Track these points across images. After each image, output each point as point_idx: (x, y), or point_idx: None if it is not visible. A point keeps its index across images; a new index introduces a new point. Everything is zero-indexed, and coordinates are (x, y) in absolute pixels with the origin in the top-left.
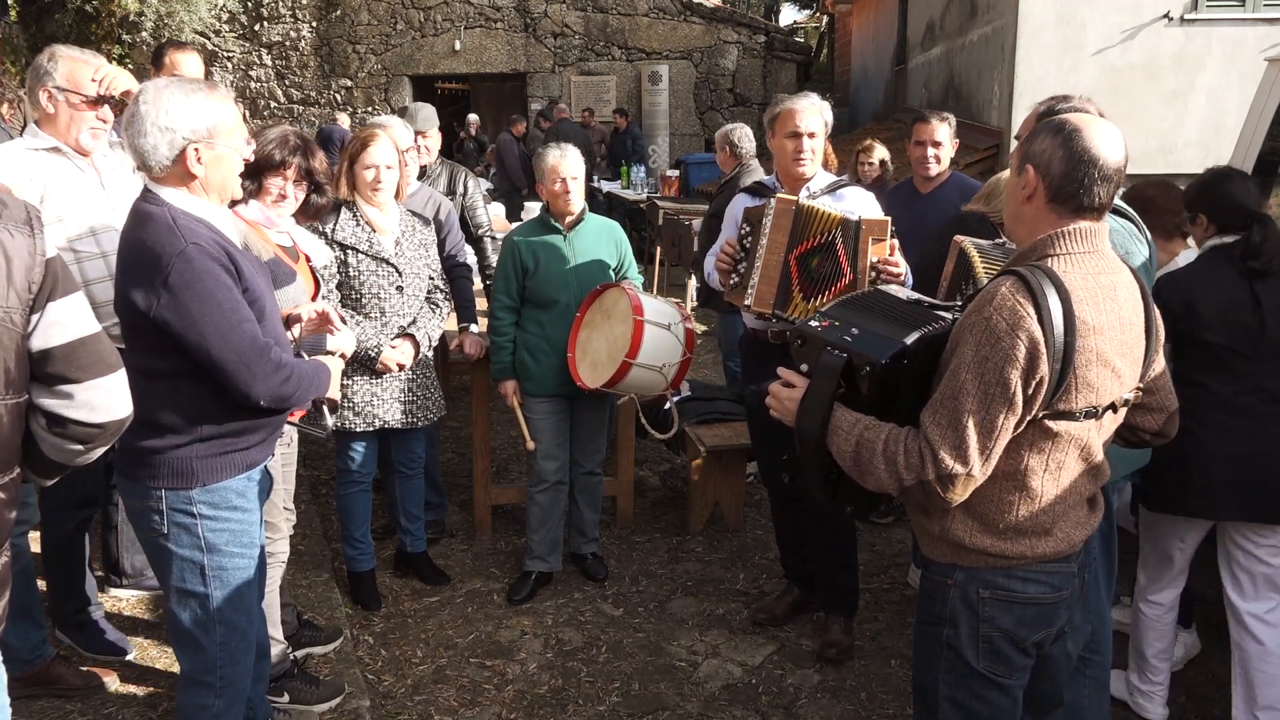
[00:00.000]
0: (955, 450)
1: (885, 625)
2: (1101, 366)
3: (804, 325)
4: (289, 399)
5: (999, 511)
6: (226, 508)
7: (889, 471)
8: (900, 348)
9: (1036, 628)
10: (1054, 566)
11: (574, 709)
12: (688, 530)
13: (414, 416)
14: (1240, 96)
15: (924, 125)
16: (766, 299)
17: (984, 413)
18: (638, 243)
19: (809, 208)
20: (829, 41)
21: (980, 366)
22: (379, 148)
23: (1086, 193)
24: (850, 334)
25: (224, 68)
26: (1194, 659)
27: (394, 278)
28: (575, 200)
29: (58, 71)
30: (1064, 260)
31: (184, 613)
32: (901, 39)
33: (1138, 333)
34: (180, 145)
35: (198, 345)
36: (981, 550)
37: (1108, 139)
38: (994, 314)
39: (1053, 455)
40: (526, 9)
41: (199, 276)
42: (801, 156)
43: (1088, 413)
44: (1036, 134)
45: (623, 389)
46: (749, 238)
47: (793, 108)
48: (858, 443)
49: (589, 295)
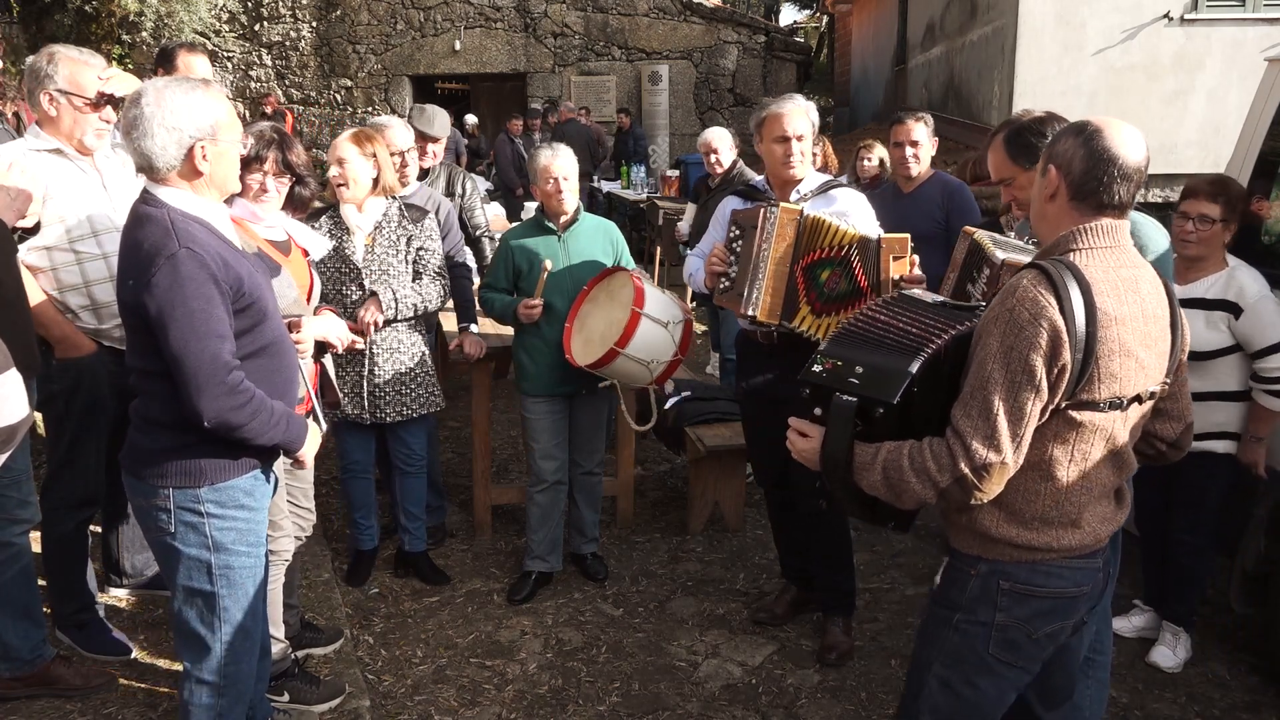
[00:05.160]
0: (987, 439)
1: (885, 625)
2: (1124, 357)
3: (808, 372)
4: (238, 428)
5: (1025, 501)
6: (234, 506)
7: (922, 481)
8: (909, 380)
9: (1051, 620)
10: (1079, 562)
11: (574, 709)
12: (688, 530)
13: (407, 407)
14: (1240, 96)
15: (900, 126)
16: (773, 310)
17: (1013, 400)
18: (637, 243)
19: (815, 219)
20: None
21: (1006, 356)
22: (334, 145)
23: (1106, 190)
24: (855, 374)
25: (224, 68)
26: (1194, 659)
27: (354, 275)
28: (568, 200)
29: (58, 74)
30: (1085, 254)
31: (190, 611)
32: (901, 39)
33: (1162, 326)
34: (188, 144)
35: (162, 346)
36: (1008, 540)
37: (1128, 140)
38: (1016, 305)
39: (1078, 446)
40: (526, 9)
41: (181, 282)
42: (791, 160)
43: (1112, 403)
44: (1060, 136)
45: (607, 374)
46: (738, 242)
47: (779, 112)
48: (884, 470)
49: (599, 273)
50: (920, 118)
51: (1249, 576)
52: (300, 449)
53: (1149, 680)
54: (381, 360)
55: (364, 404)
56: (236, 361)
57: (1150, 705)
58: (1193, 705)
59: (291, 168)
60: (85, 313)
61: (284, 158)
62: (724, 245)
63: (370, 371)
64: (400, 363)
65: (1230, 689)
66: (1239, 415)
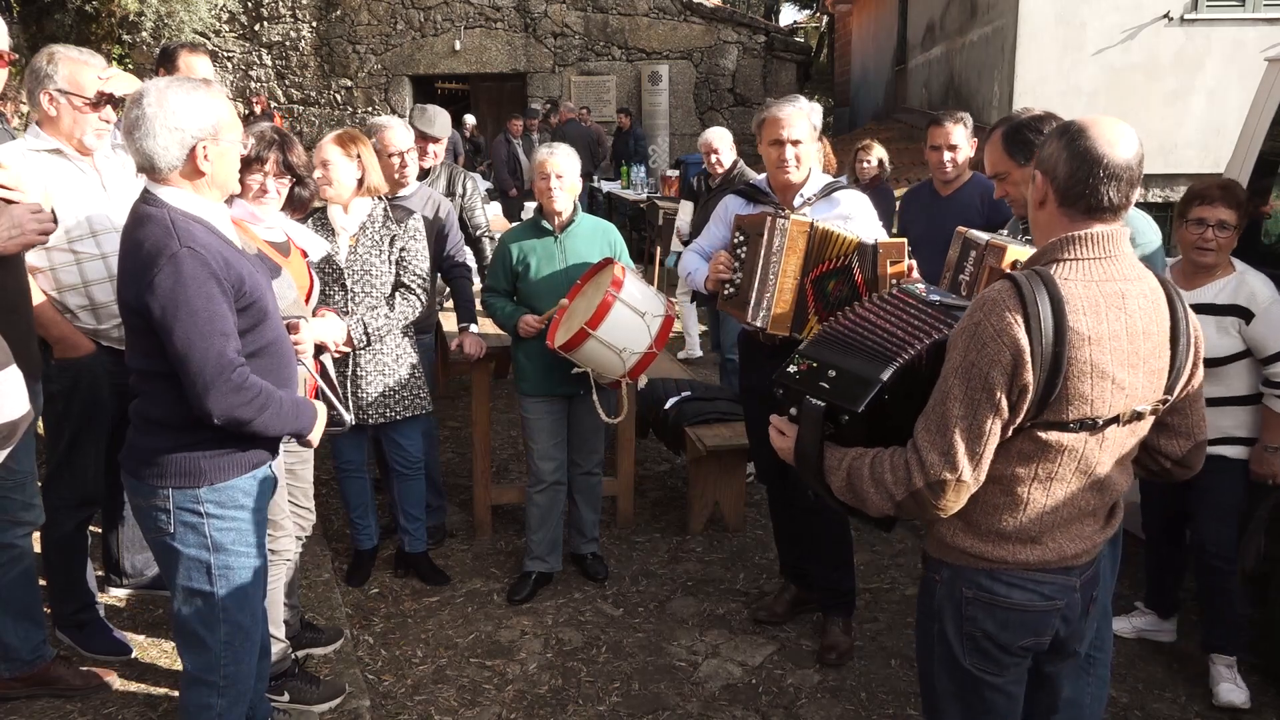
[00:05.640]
0: (943, 455)
1: (885, 625)
2: (1098, 378)
3: (783, 372)
4: (247, 423)
5: (982, 514)
6: (234, 507)
7: (879, 492)
8: (878, 388)
9: (1022, 634)
10: (1044, 576)
11: (574, 709)
12: (688, 530)
13: (391, 409)
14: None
15: (938, 129)
16: (783, 322)
17: (971, 417)
18: (637, 243)
19: (824, 230)
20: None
21: (967, 372)
22: (318, 147)
23: (1094, 193)
24: (827, 378)
25: (224, 68)
26: (1194, 657)
27: (336, 275)
28: (559, 198)
29: (58, 74)
30: (1069, 266)
31: (189, 611)
32: (901, 39)
33: (1156, 343)
34: (190, 144)
35: (167, 346)
36: (962, 550)
37: (1114, 138)
38: (983, 319)
39: (1041, 465)
40: (526, 9)
41: (184, 281)
42: (785, 164)
43: (1082, 424)
44: (1045, 139)
45: (579, 358)
46: (742, 248)
47: (776, 115)
48: (848, 474)
49: (591, 268)
50: (959, 119)
51: (1249, 576)
52: (311, 433)
53: (1149, 680)
54: (365, 362)
55: (349, 405)
56: (241, 359)
57: (1150, 705)
58: (1193, 705)
59: (292, 169)
60: (84, 313)
61: (285, 158)
62: (728, 251)
63: (354, 374)
64: (385, 365)
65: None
66: (1250, 420)
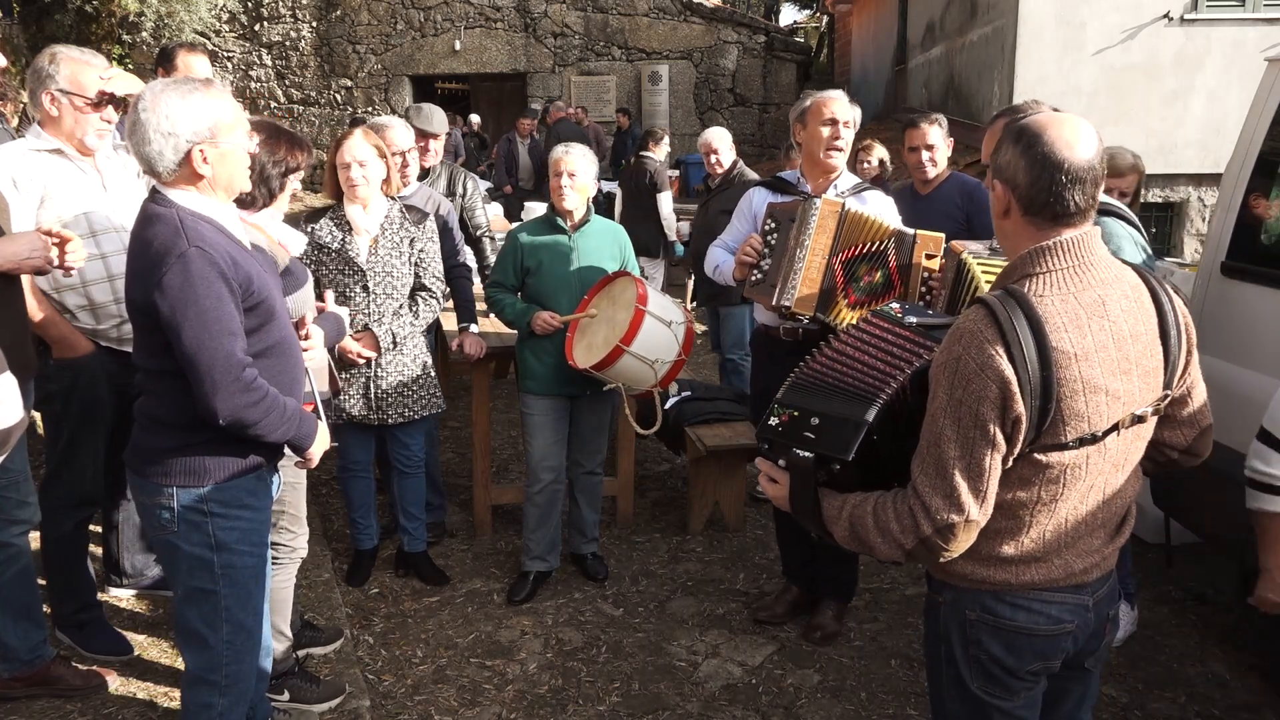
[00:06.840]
0: (948, 498)
1: (885, 625)
2: (1091, 394)
3: (764, 427)
4: (251, 425)
5: (985, 540)
6: (238, 506)
7: (887, 542)
8: (865, 430)
9: (1030, 658)
10: (1052, 596)
11: (574, 709)
12: (688, 530)
13: (410, 409)
14: (1240, 96)
15: (914, 130)
16: (809, 301)
17: (969, 457)
18: None
19: (857, 214)
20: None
21: (956, 410)
22: (350, 144)
23: (1059, 200)
24: (811, 426)
25: (224, 68)
26: (1194, 659)
27: (359, 277)
28: (570, 196)
29: (60, 74)
30: (1043, 280)
31: (191, 610)
32: (901, 39)
33: (1146, 342)
34: (185, 149)
35: (175, 345)
36: (963, 574)
37: (1072, 138)
38: (963, 353)
39: (1044, 488)
40: (526, 9)
41: (192, 281)
42: (837, 143)
43: (1082, 440)
44: (1000, 145)
45: (611, 375)
46: (773, 234)
47: (828, 97)
48: (850, 524)
49: (599, 281)
50: (934, 120)
51: (1249, 576)
52: (310, 446)
53: (1149, 680)
54: (385, 363)
55: (369, 405)
56: (249, 359)
57: (1150, 705)
58: (1193, 705)
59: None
60: (83, 313)
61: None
62: (759, 237)
63: (375, 374)
64: (404, 366)
65: (1230, 689)
66: None
